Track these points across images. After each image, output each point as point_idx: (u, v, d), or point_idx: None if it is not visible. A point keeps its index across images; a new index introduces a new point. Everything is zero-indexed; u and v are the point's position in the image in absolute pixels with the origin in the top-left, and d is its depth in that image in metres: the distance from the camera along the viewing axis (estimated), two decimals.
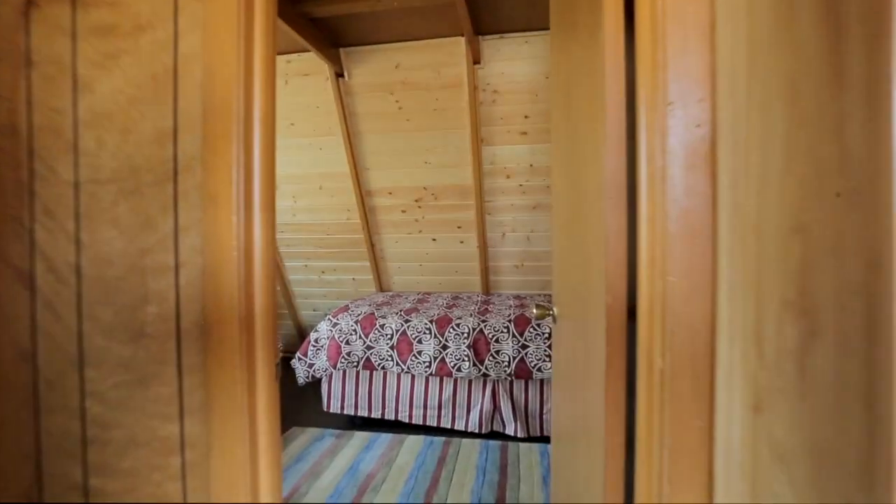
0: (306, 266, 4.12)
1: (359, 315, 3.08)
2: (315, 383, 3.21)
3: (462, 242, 3.73)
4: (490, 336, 2.80)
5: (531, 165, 3.34)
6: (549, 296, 3.68)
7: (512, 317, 2.92)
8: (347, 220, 3.78)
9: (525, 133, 3.24)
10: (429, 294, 3.83)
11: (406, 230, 3.76)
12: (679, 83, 0.80)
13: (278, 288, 4.24)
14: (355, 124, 3.34)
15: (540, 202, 3.46)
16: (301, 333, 4.54)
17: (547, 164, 3.30)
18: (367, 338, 2.96)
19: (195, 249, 0.95)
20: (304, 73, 3.19)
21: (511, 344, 2.76)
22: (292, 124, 3.39)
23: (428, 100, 3.19)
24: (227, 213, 0.94)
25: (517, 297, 3.66)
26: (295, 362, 3.09)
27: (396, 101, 3.23)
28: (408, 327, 2.93)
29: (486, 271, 3.79)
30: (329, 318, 3.11)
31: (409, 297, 3.71)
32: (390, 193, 3.60)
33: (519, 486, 2.23)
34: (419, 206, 3.63)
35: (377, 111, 3.27)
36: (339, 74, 3.15)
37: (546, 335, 2.74)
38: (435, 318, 2.96)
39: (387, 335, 2.94)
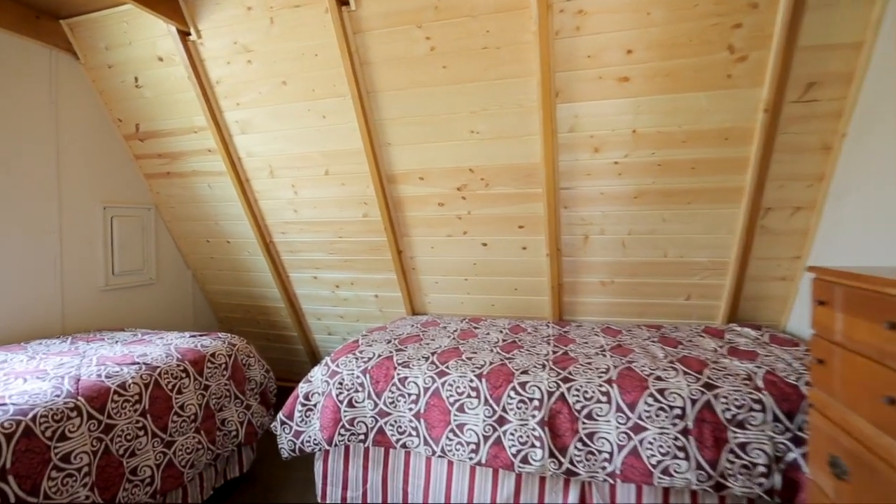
0: (315, 278, 3.14)
1: (368, 359, 2.04)
2: (307, 458, 2.22)
3: (525, 248, 2.61)
4: (578, 406, 1.68)
5: (634, 131, 2.17)
6: (662, 324, 2.49)
7: (613, 371, 1.78)
8: (364, 218, 2.76)
9: (627, 79, 2.07)
10: (477, 322, 2.74)
11: (445, 230, 2.69)
12: None
13: (282, 304, 3.30)
14: (369, 78, 2.30)
15: (646, 187, 2.28)
16: (315, 362, 3.58)
17: (663, 127, 2.12)
18: (379, 397, 1.92)
19: None
20: (295, 2, 2.18)
21: (615, 422, 1.63)
22: (284, 83, 2.40)
23: (473, 33, 2.10)
24: None
25: (608, 328, 2.49)
26: (276, 427, 2.10)
27: (427, 39, 2.16)
28: (442, 384, 1.86)
29: (559, 290, 2.65)
30: (326, 363, 2.09)
31: (450, 325, 2.64)
32: (421, 179, 2.54)
33: None
34: (463, 197, 2.54)
35: (399, 55, 2.21)
36: (343, 1, 2.12)
37: (675, 411, 1.58)
38: (486, 369, 1.87)
39: (410, 395, 1.89)
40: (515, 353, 2.05)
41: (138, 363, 1.99)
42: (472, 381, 1.82)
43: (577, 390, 1.70)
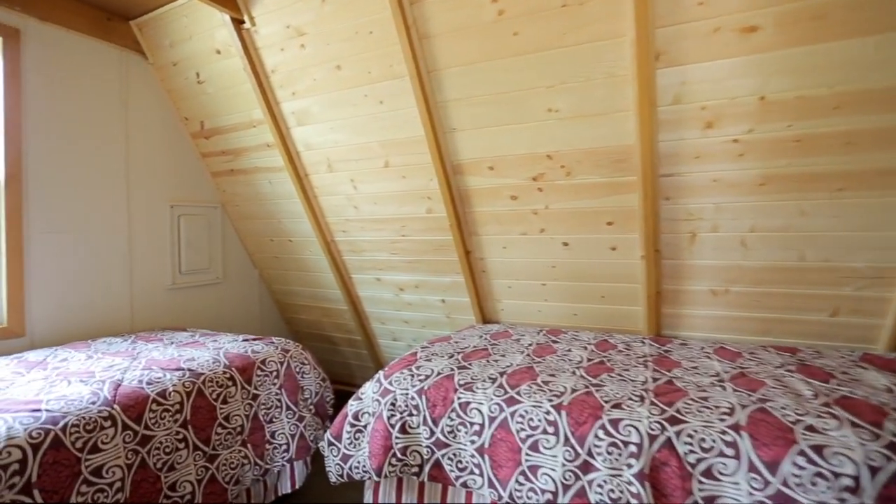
0: (378, 280, 2.93)
1: (425, 377, 1.75)
2: (358, 485, 1.97)
3: (614, 249, 2.19)
4: (692, 458, 1.26)
5: (762, 98, 1.68)
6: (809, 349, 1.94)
7: (741, 413, 1.32)
8: (428, 214, 2.48)
9: (754, 29, 1.60)
10: (556, 334, 2.35)
11: (519, 228, 2.34)
12: None
13: (346, 307, 3.13)
14: (429, 53, 2.02)
15: (778, 171, 1.78)
16: (378, 366, 3.38)
17: (805, 90, 1.62)
18: (436, 424, 1.62)
19: None
20: None
21: (746, 485, 1.19)
22: (338, 67, 2.20)
23: None
24: None
25: (722, 348, 2.00)
26: (324, 447, 1.87)
27: (494, 2, 1.83)
28: (512, 415, 1.52)
29: (657, 299, 2.19)
30: (378, 379, 1.84)
31: (524, 338, 2.28)
32: (491, 168, 2.22)
33: None
34: (539, 189, 2.18)
35: (461, 24, 1.91)
36: None
37: (843, 481, 1.10)
38: (567, 398, 1.50)
39: (472, 424, 1.57)
40: (604, 378, 1.65)
41: (183, 369, 1.86)
42: (548, 412, 1.46)
43: (691, 437, 1.28)
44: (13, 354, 2.01)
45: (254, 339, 2.30)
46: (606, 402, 1.45)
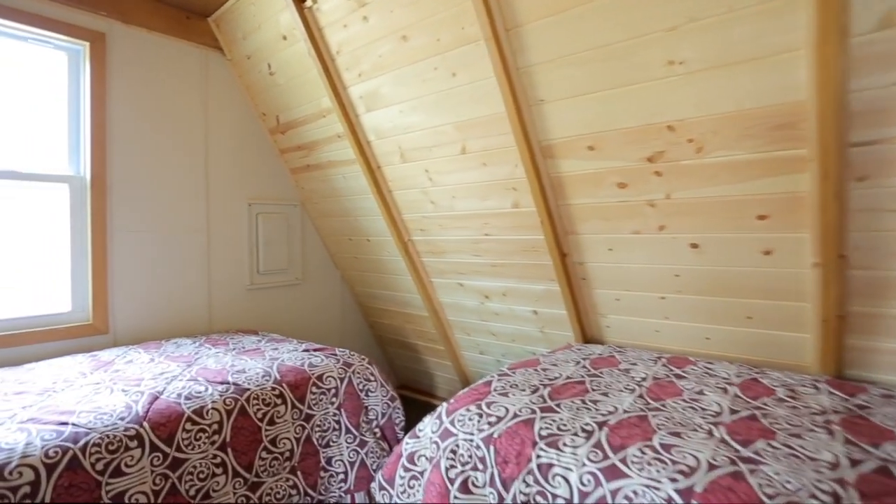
0: (461, 285, 2.57)
1: (497, 419, 1.34)
2: None
3: (769, 253, 1.57)
4: None
5: None
6: None
7: None
8: (514, 209, 2.06)
9: None
10: (681, 365, 1.78)
11: (630, 224, 1.82)
12: None
13: (423, 313, 2.83)
14: (508, 6, 1.61)
15: None
16: (465, 382, 3.03)
17: None
18: (506, 487, 1.21)
19: None
20: None
21: None
22: (404, 37, 1.88)
23: None
24: None
25: None
26: (374, 489, 1.55)
27: None
28: (614, 493, 1.04)
29: (838, 324, 1.52)
30: (440, 414, 1.47)
31: (636, 368, 1.75)
32: (591, 148, 1.73)
33: None
34: (657, 173, 1.65)
35: None
36: None
37: None
38: (701, 479, 0.99)
39: (555, 496, 1.12)
40: (762, 450, 1.09)
41: (228, 383, 1.68)
42: (670, 499, 0.97)
43: None
44: (93, 352, 2.01)
45: (315, 350, 2.08)
46: (772, 498, 0.91)
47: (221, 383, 1.67)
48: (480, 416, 1.38)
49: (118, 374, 1.74)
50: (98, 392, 1.56)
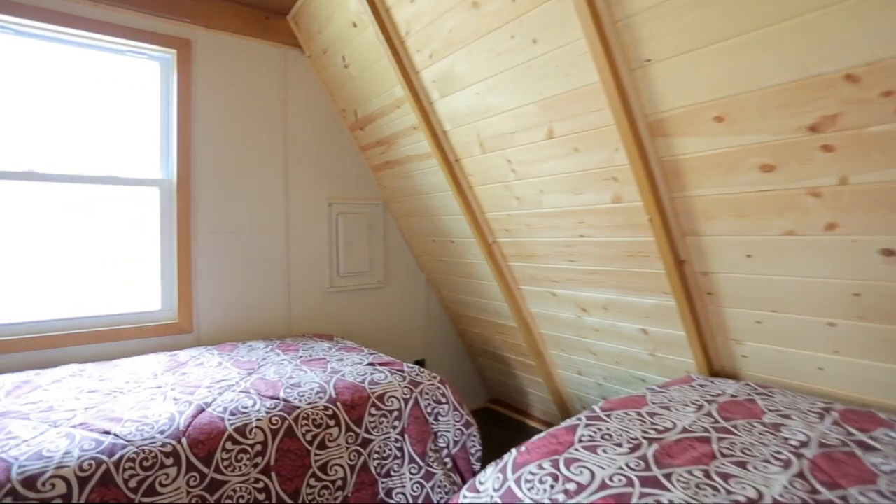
0: (554, 295, 2.20)
1: (577, 487, 0.99)
2: None
3: None
4: None
5: None
6: None
7: None
8: (615, 203, 1.66)
9: None
10: (868, 424, 1.24)
11: (779, 221, 1.32)
12: None
13: (513, 324, 2.50)
14: None
15: None
16: (561, 404, 2.64)
17: None
18: None
19: None
20: None
21: None
22: (475, 3, 1.58)
23: None
24: None
25: None
26: None
27: None
28: None
29: None
30: (504, 468, 1.16)
31: (791, 425, 1.25)
32: (720, 119, 1.27)
33: None
34: (825, 147, 1.14)
35: None
36: None
37: None
38: None
39: None
40: None
41: (278, 398, 1.54)
42: None
43: None
44: (174, 351, 2.05)
45: (381, 364, 1.89)
46: None
47: (271, 398, 1.54)
48: (555, 478, 1.04)
49: (182, 379, 1.71)
50: (153, 398, 1.52)
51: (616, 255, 1.80)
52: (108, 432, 1.29)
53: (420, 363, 3.01)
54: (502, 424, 3.01)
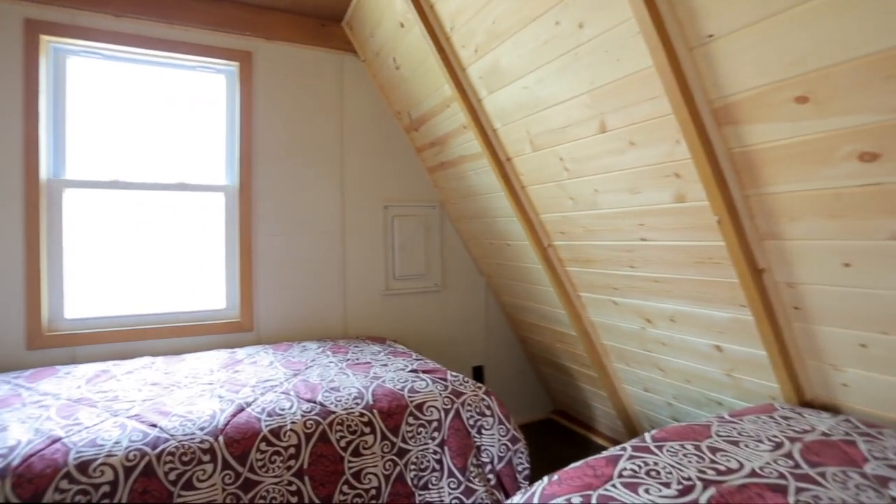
0: (615, 304, 2.02)
1: None
2: None
3: None
4: None
5: None
6: None
7: None
8: (679, 203, 1.46)
9: None
10: None
11: (887, 223, 1.07)
12: None
13: (573, 332, 2.34)
14: None
15: None
16: (627, 422, 2.42)
17: None
18: None
19: None
20: None
21: None
22: None
23: None
24: None
25: None
26: None
27: None
28: None
29: None
30: (532, 496, 1.05)
31: None
32: (804, 100, 1.05)
33: None
34: None
35: None
36: None
37: None
38: None
39: None
40: None
41: (315, 402, 1.54)
42: None
43: None
44: (234, 348, 2.16)
45: (424, 372, 1.84)
46: None
47: (309, 401, 1.54)
48: None
49: (233, 377, 1.78)
50: (202, 394, 1.59)
51: (682, 261, 1.59)
52: (154, 425, 1.36)
53: (478, 370, 2.93)
54: (566, 438, 2.84)
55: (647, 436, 1.23)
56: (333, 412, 1.50)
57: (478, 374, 2.93)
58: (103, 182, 2.08)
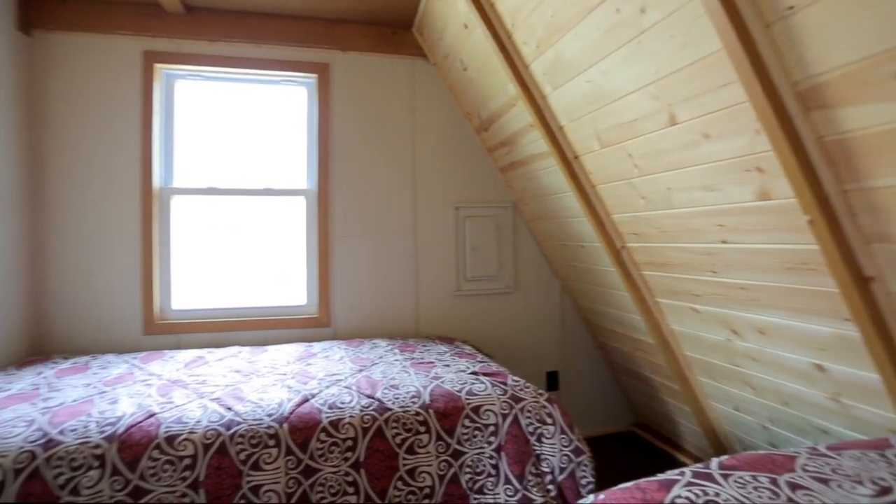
0: (697, 312, 1.84)
1: None
2: None
3: None
4: None
5: None
6: None
7: None
8: (762, 201, 1.29)
9: None
10: None
11: None
12: None
13: (651, 341, 2.17)
14: None
15: None
16: (715, 442, 2.19)
17: None
18: None
19: None
20: None
21: None
22: None
23: None
24: None
25: None
26: None
27: None
28: None
29: None
30: None
31: None
32: None
33: None
34: None
35: None
36: None
37: None
38: None
39: None
40: None
41: (374, 398, 1.60)
42: None
43: None
44: (311, 342, 2.31)
45: (485, 374, 1.82)
46: None
47: (368, 397, 1.61)
48: None
49: (305, 369, 1.90)
50: (275, 384, 1.72)
51: (771, 266, 1.40)
52: (230, 409, 1.50)
53: (552, 375, 2.83)
54: (648, 453, 2.65)
55: (714, 461, 1.10)
56: (390, 409, 1.55)
57: (552, 380, 2.83)
58: (202, 189, 2.35)
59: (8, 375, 1.79)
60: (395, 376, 1.80)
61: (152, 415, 1.45)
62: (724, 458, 1.12)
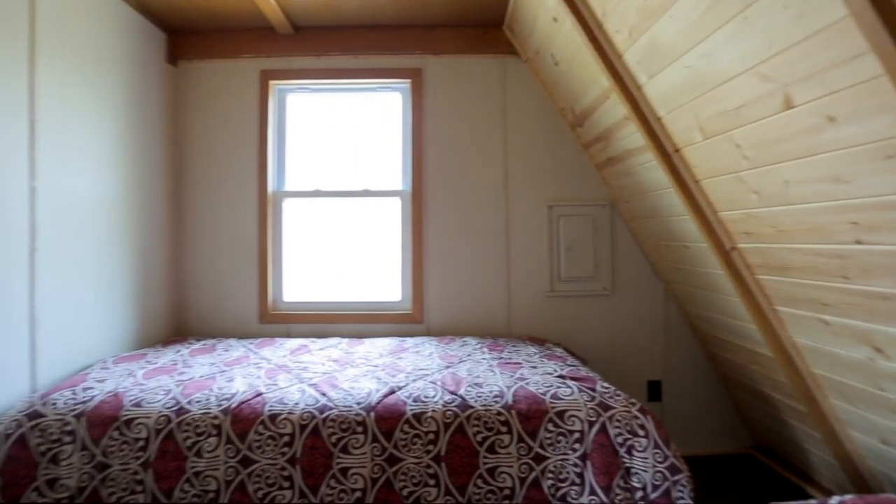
0: (826, 324, 1.59)
1: None
2: None
3: None
4: None
5: None
6: None
7: None
8: None
9: None
10: None
11: None
12: None
13: (769, 353, 1.93)
14: None
15: None
16: (855, 477, 1.87)
17: None
18: None
19: None
20: None
21: None
22: None
23: None
24: None
25: None
26: None
27: None
28: None
29: None
30: None
31: None
32: None
33: None
34: None
35: None
36: None
37: None
38: None
39: None
40: None
41: (458, 395, 1.62)
42: None
43: None
44: (404, 337, 2.41)
45: (573, 379, 1.76)
46: None
47: (452, 393, 1.64)
48: None
49: (395, 362, 1.99)
50: (366, 375, 1.83)
51: None
52: (325, 394, 1.63)
53: (655, 385, 2.64)
54: (768, 482, 2.36)
55: (835, 500, 0.95)
56: (472, 407, 1.56)
57: (654, 390, 2.64)
58: (309, 192, 2.58)
59: (156, 352, 2.13)
60: (481, 375, 1.81)
61: (259, 394, 1.62)
62: (847, 497, 0.96)
